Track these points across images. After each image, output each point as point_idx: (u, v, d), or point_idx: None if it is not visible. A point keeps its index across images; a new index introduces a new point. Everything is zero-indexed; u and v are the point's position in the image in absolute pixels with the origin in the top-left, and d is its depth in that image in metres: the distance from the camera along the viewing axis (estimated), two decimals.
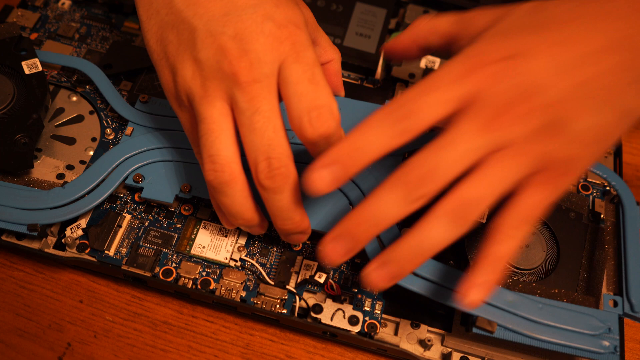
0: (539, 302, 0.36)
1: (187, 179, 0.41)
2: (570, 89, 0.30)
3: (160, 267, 0.40)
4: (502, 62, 0.30)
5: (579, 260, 0.39)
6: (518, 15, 0.33)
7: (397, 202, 0.30)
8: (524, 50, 0.30)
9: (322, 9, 0.52)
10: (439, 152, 0.30)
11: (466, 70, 0.30)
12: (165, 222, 0.42)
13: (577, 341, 0.35)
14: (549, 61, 0.30)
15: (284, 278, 0.40)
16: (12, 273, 0.42)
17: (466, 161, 0.30)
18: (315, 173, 0.31)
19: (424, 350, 0.39)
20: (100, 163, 0.42)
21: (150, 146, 0.42)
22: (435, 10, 0.54)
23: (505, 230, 0.31)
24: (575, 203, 0.42)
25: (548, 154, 0.30)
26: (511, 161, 0.30)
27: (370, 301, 0.40)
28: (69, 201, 0.40)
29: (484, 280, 0.31)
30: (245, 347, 0.40)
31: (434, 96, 0.30)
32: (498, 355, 0.38)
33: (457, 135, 0.30)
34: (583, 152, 0.31)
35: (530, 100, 0.30)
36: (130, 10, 0.52)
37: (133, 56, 0.49)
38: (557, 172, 0.31)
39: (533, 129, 0.30)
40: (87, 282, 0.42)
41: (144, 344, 0.40)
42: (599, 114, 0.31)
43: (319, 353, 0.40)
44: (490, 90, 0.30)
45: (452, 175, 0.30)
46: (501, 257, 0.31)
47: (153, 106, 0.44)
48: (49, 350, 0.39)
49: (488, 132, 0.30)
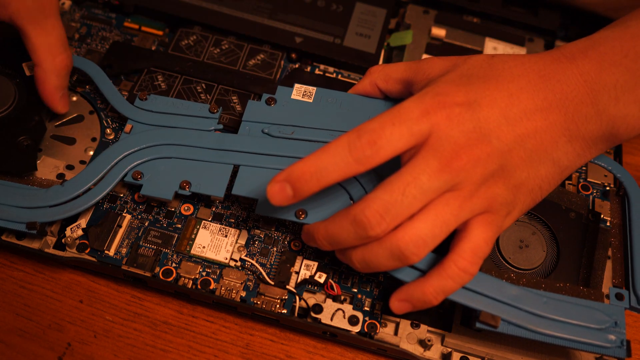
0: (544, 296, 0.36)
1: (186, 176, 0.41)
2: (513, 140, 0.33)
3: (160, 267, 0.40)
4: (458, 107, 0.33)
5: (579, 260, 0.39)
6: (471, 66, 0.36)
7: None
8: (476, 99, 0.34)
9: (322, 9, 0.52)
10: (406, 189, 0.32)
11: (427, 108, 0.33)
12: (165, 222, 0.42)
13: (583, 335, 0.35)
14: (497, 112, 0.34)
15: (284, 278, 0.40)
16: (12, 273, 0.42)
17: (426, 198, 0.32)
18: (270, 187, 0.34)
19: (424, 350, 0.39)
20: (99, 161, 0.42)
21: (149, 143, 0.42)
22: (435, 10, 0.54)
23: (454, 264, 0.33)
24: (575, 203, 0.41)
25: (494, 198, 0.33)
26: (463, 202, 0.33)
27: (370, 301, 0.40)
28: (68, 199, 0.40)
29: (408, 298, 0.35)
30: (245, 347, 0.40)
31: (398, 129, 0.32)
32: (498, 355, 0.38)
33: (419, 173, 0.32)
34: (524, 197, 0.35)
35: (479, 146, 0.33)
36: (130, 10, 0.52)
37: (133, 56, 0.49)
38: (501, 213, 0.34)
39: (482, 174, 0.33)
40: (87, 282, 0.42)
41: (144, 344, 0.40)
42: (539, 166, 0.34)
43: (319, 353, 0.40)
44: (446, 131, 0.33)
45: (411, 211, 0.32)
46: (436, 291, 0.34)
47: (152, 103, 0.44)
48: (49, 350, 0.39)
49: (444, 173, 0.32)
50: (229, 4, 0.52)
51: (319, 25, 0.51)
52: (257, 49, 0.50)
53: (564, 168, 0.36)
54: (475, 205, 0.33)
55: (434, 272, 0.34)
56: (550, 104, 0.34)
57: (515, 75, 0.35)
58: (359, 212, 0.32)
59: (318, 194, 0.37)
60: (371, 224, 0.32)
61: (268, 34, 0.50)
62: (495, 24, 0.54)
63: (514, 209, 0.35)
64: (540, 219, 0.40)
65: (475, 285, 0.35)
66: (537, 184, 0.35)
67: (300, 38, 0.50)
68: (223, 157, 0.41)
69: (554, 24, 0.53)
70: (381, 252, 0.33)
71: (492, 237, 0.34)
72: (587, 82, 0.35)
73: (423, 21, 0.54)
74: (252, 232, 0.42)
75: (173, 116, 0.43)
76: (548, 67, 0.35)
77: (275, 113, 0.43)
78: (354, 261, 0.35)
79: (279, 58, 0.50)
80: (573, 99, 0.34)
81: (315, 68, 0.51)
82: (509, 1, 0.55)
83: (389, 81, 0.41)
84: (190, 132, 0.43)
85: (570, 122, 0.35)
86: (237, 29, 0.50)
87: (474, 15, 0.55)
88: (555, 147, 0.35)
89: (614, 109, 0.35)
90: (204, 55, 0.49)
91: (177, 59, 0.48)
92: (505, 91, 0.34)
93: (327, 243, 0.35)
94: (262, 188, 0.39)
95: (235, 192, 0.40)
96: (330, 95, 0.43)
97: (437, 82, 0.36)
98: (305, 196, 0.34)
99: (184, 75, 0.48)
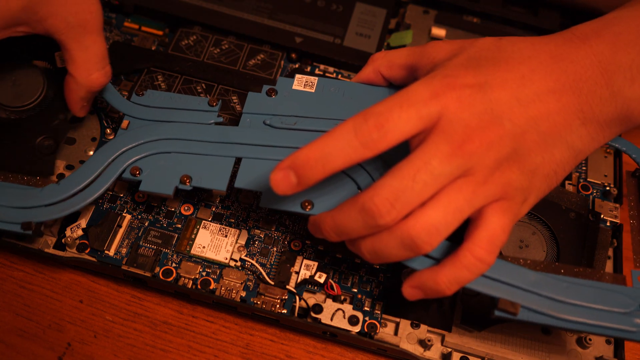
0: (564, 281, 0.34)
1: (187, 170, 0.40)
2: (526, 122, 0.32)
3: (160, 267, 0.40)
4: (468, 89, 0.32)
5: (579, 260, 0.39)
6: (479, 48, 0.35)
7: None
8: (487, 80, 0.32)
9: (322, 9, 0.52)
10: (416, 174, 0.30)
11: (436, 90, 0.32)
12: (165, 222, 0.42)
13: (607, 320, 0.33)
14: (509, 94, 0.32)
15: (284, 278, 0.40)
16: (12, 273, 0.42)
17: (437, 184, 0.31)
18: (273, 175, 0.32)
19: (424, 350, 0.39)
20: (95, 158, 0.40)
21: (147, 139, 0.41)
22: (435, 10, 0.54)
23: (470, 254, 0.32)
24: (575, 203, 0.42)
25: (509, 183, 0.32)
26: (477, 187, 0.31)
27: (370, 301, 0.40)
28: (63, 197, 0.39)
29: (420, 286, 0.33)
30: (245, 347, 0.40)
31: (406, 112, 0.31)
32: (498, 356, 0.38)
33: (430, 157, 0.31)
34: (540, 183, 0.33)
35: (491, 129, 0.31)
36: (130, 10, 0.52)
37: (133, 56, 0.48)
38: (516, 200, 0.33)
39: (496, 158, 0.31)
40: (87, 282, 0.42)
41: (144, 344, 0.40)
42: (553, 150, 0.33)
43: (319, 353, 0.40)
44: (457, 114, 0.31)
45: (423, 198, 0.31)
46: (450, 281, 0.32)
47: (149, 99, 0.43)
48: (49, 350, 0.39)
49: (456, 157, 0.31)
50: (229, 4, 0.52)
51: (319, 25, 0.51)
52: (257, 49, 0.50)
53: (578, 152, 0.34)
54: (490, 192, 0.31)
55: (448, 262, 0.32)
56: (563, 86, 0.33)
57: (525, 57, 0.33)
58: (367, 200, 0.31)
59: (324, 183, 0.36)
60: (380, 212, 0.31)
61: (268, 34, 0.50)
62: (495, 24, 0.54)
63: (530, 195, 0.33)
64: (540, 219, 0.40)
65: (491, 272, 0.34)
66: (552, 169, 0.33)
67: (300, 38, 0.50)
68: (224, 150, 0.40)
69: (554, 23, 0.53)
70: (392, 241, 0.31)
71: (509, 225, 0.32)
72: (601, 62, 0.33)
73: (423, 21, 0.54)
74: (252, 232, 0.42)
75: (171, 111, 0.42)
76: (560, 48, 0.34)
77: (277, 104, 0.41)
78: (364, 252, 0.33)
79: (279, 58, 0.50)
80: (587, 80, 0.33)
81: (315, 68, 0.51)
82: (509, 1, 0.55)
83: (393, 67, 0.39)
84: (189, 125, 0.41)
85: (584, 104, 0.33)
86: (237, 29, 0.50)
87: (474, 15, 0.55)
88: (569, 130, 0.33)
89: (629, 90, 0.34)
90: (204, 55, 0.49)
91: (177, 59, 0.48)
92: (516, 72, 0.33)
93: (335, 234, 0.34)
94: (265, 180, 0.38)
95: (238, 185, 0.38)
96: (333, 84, 0.42)
97: (444, 65, 0.34)
98: (311, 184, 0.32)
99: (184, 75, 0.48)
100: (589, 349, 0.39)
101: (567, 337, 0.39)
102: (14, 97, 0.41)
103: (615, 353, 0.39)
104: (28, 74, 0.42)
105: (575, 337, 0.40)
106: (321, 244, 0.42)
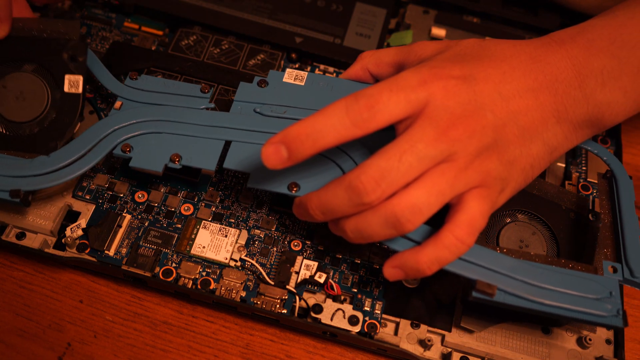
0: (539, 267, 0.36)
1: (177, 150, 0.40)
2: (506, 115, 0.34)
3: (160, 267, 0.40)
4: (454, 79, 0.34)
5: (579, 260, 0.39)
6: (464, 47, 0.37)
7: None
8: (472, 74, 0.34)
9: (322, 9, 0.52)
10: (402, 156, 0.32)
11: (424, 78, 0.33)
12: (165, 222, 0.42)
13: (580, 304, 0.34)
14: (492, 87, 0.34)
15: (284, 278, 0.40)
16: (12, 273, 0.42)
17: (422, 166, 0.32)
18: (265, 148, 0.33)
19: (424, 350, 0.39)
20: (87, 134, 0.41)
21: (139, 119, 0.41)
22: (435, 10, 0.54)
23: (451, 234, 0.33)
24: (575, 203, 0.42)
25: (488, 172, 0.34)
26: (459, 172, 0.33)
27: (370, 301, 0.40)
28: (53, 169, 0.39)
29: (401, 265, 0.34)
30: (245, 347, 0.40)
31: (395, 96, 0.33)
32: (498, 356, 0.38)
33: (416, 141, 0.32)
34: (517, 175, 0.35)
35: (475, 118, 0.33)
36: (130, 10, 0.52)
37: (133, 56, 0.49)
38: (495, 188, 0.34)
39: (477, 146, 0.33)
40: (87, 282, 0.42)
41: (144, 344, 0.40)
42: (530, 145, 0.35)
43: (319, 353, 0.40)
44: (443, 102, 0.33)
45: (407, 180, 0.32)
46: (431, 260, 0.33)
47: (143, 83, 0.44)
48: (49, 350, 0.39)
49: (441, 142, 0.32)
50: (229, 4, 0.52)
51: (319, 25, 0.51)
52: (257, 49, 0.50)
53: (553, 149, 0.36)
54: (470, 178, 0.33)
55: (429, 242, 0.33)
56: (540, 85, 0.35)
57: (507, 56, 0.36)
58: (354, 178, 0.32)
59: (311, 167, 0.38)
60: (366, 190, 0.32)
61: (268, 34, 0.50)
62: (495, 24, 0.54)
63: (507, 185, 0.35)
64: (540, 219, 0.40)
65: (470, 256, 0.35)
66: (529, 162, 0.35)
67: (300, 38, 0.50)
68: (215, 133, 0.41)
69: (553, 24, 0.53)
70: (376, 219, 0.33)
71: (487, 211, 0.34)
72: (575, 66, 0.36)
73: (423, 21, 0.54)
74: (252, 232, 0.42)
75: (164, 95, 0.43)
76: (538, 50, 0.36)
77: (267, 94, 0.42)
78: (347, 230, 0.34)
79: (279, 58, 0.50)
80: (562, 81, 0.35)
81: (315, 68, 0.51)
82: (509, 1, 0.55)
83: (381, 65, 0.41)
84: (181, 109, 0.42)
85: (559, 103, 0.35)
86: (237, 29, 0.50)
87: (474, 15, 0.55)
88: (545, 127, 0.35)
89: (601, 94, 0.36)
90: (204, 55, 0.49)
91: (177, 59, 0.48)
92: (498, 69, 0.35)
93: (320, 212, 0.35)
94: (253, 162, 0.39)
95: (227, 166, 0.39)
96: (322, 79, 0.43)
97: (432, 59, 0.36)
98: (301, 159, 0.33)
99: (184, 75, 0.48)
100: (589, 349, 0.39)
101: (567, 337, 0.40)
102: (17, 110, 0.41)
103: (615, 353, 0.39)
104: (35, 90, 0.42)
105: (575, 337, 0.40)
106: (321, 244, 0.42)
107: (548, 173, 0.46)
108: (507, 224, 0.40)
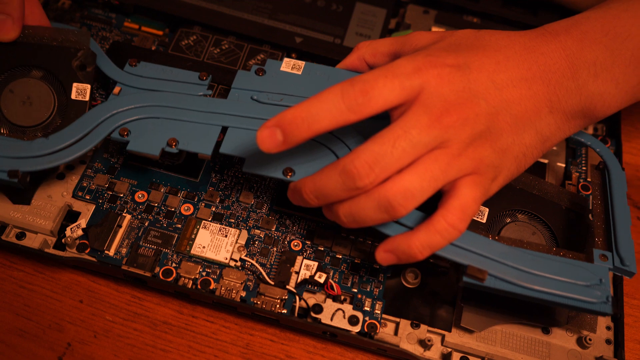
0: (530, 254, 0.36)
1: (174, 134, 0.41)
2: (499, 104, 0.34)
3: (160, 267, 0.40)
4: (448, 67, 0.34)
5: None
6: (459, 37, 0.37)
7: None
8: (466, 62, 0.35)
9: (322, 9, 0.52)
10: (396, 141, 0.32)
11: (419, 65, 0.34)
12: (165, 222, 0.42)
13: (570, 291, 0.35)
14: (486, 76, 0.35)
15: (284, 278, 0.40)
16: (12, 273, 0.42)
17: (415, 152, 0.33)
18: (260, 132, 0.33)
19: (424, 350, 0.39)
20: (85, 118, 0.41)
21: (138, 104, 0.42)
22: (435, 10, 0.54)
23: (443, 219, 0.33)
24: (575, 203, 0.42)
25: (480, 159, 0.34)
26: (452, 159, 0.33)
27: (370, 301, 0.40)
28: (51, 151, 0.39)
29: (393, 249, 0.35)
30: (245, 347, 0.40)
31: (390, 82, 0.33)
32: (498, 356, 0.38)
33: (410, 127, 0.32)
34: (509, 163, 0.36)
35: (468, 105, 0.33)
36: (130, 10, 0.52)
37: (133, 56, 0.48)
38: (487, 176, 0.35)
39: (470, 134, 0.33)
40: (87, 282, 0.42)
41: (144, 344, 0.40)
42: (523, 133, 0.35)
43: (319, 353, 0.40)
44: (437, 89, 0.33)
45: (401, 165, 0.32)
46: (422, 246, 0.34)
47: (142, 69, 0.44)
48: (49, 350, 0.39)
49: (434, 129, 0.33)
50: (229, 4, 0.52)
51: (319, 25, 0.51)
52: (257, 49, 0.50)
53: (545, 139, 0.37)
54: (463, 165, 0.33)
55: (422, 227, 0.34)
56: (534, 75, 0.35)
57: (501, 46, 0.36)
58: (348, 162, 0.32)
59: (306, 153, 0.38)
60: (360, 174, 0.32)
61: (268, 34, 0.50)
62: (495, 24, 0.54)
63: (499, 173, 0.35)
64: (540, 219, 0.40)
65: (462, 242, 0.35)
66: (521, 151, 0.36)
67: (300, 38, 0.50)
68: (212, 119, 0.41)
69: None
70: (369, 203, 0.33)
71: (479, 198, 0.34)
72: (568, 56, 0.36)
73: (423, 21, 0.54)
74: (252, 232, 0.42)
75: (163, 82, 0.43)
76: (533, 41, 0.36)
77: (265, 83, 0.43)
78: (340, 215, 0.35)
79: (278, 58, 0.50)
80: (555, 71, 0.36)
81: None
82: (509, 1, 0.55)
83: (377, 55, 0.41)
84: (180, 95, 0.42)
85: (552, 93, 0.36)
86: (237, 29, 0.50)
87: (474, 15, 0.55)
88: (538, 117, 0.36)
89: (593, 85, 0.36)
90: (204, 55, 0.49)
91: (177, 59, 0.48)
92: (492, 58, 0.35)
93: (314, 196, 0.35)
94: (249, 147, 0.39)
95: (223, 151, 0.39)
96: (319, 69, 0.43)
97: (427, 48, 0.37)
98: (296, 143, 0.33)
99: None
100: (589, 349, 0.39)
101: (567, 337, 0.40)
102: (22, 115, 0.41)
103: (615, 353, 0.39)
104: (41, 96, 0.42)
105: (575, 337, 0.40)
106: (321, 244, 0.42)
107: (548, 173, 0.47)
108: (507, 224, 0.40)
